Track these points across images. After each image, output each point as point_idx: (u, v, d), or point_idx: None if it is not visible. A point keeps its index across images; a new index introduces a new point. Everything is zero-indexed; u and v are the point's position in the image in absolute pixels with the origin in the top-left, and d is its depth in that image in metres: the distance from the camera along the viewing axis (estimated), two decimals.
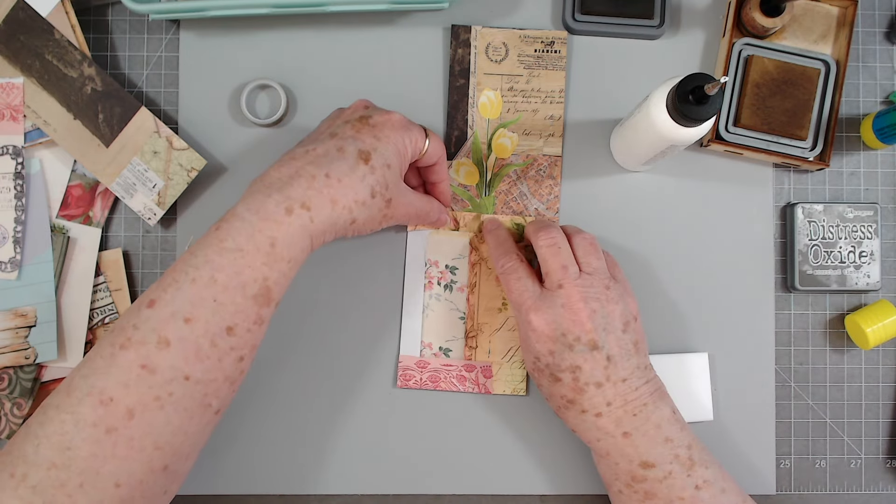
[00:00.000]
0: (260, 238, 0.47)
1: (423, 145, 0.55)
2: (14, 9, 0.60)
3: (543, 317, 0.54)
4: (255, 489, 0.63)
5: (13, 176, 0.61)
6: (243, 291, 0.47)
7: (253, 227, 0.47)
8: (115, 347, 0.46)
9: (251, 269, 0.47)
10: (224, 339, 0.47)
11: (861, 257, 0.64)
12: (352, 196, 0.50)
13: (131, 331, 0.46)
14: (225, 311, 0.47)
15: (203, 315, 0.46)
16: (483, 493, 0.63)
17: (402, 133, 0.53)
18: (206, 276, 0.47)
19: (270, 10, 0.60)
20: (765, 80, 0.62)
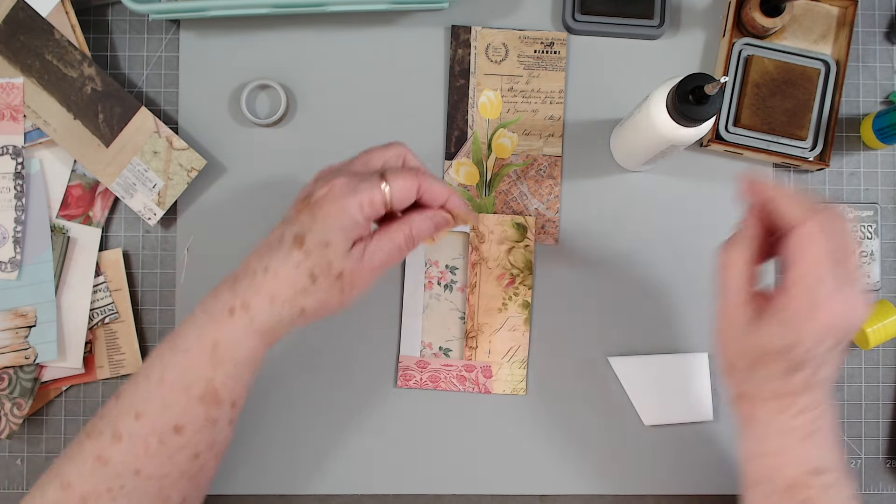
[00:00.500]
0: (205, 339, 0.48)
1: (383, 196, 0.48)
2: (14, 9, 0.60)
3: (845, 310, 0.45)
4: (255, 489, 0.63)
5: (13, 176, 0.61)
6: (188, 392, 0.48)
7: (201, 327, 0.48)
8: (83, 435, 0.49)
9: (195, 370, 0.48)
10: (172, 437, 0.48)
11: (861, 257, 0.64)
12: (289, 289, 0.47)
13: (98, 421, 0.49)
14: (172, 411, 0.48)
15: (152, 412, 0.48)
16: (483, 493, 0.63)
17: (345, 200, 0.47)
18: (156, 375, 0.48)
19: (270, 10, 0.60)
20: (765, 80, 0.62)
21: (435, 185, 0.50)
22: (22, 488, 0.63)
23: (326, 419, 0.63)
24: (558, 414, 0.64)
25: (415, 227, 0.50)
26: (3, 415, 0.60)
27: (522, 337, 0.63)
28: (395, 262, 0.50)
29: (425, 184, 0.49)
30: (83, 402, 0.63)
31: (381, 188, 0.48)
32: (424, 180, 0.49)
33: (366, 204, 0.47)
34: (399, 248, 0.50)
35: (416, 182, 0.49)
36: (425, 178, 0.49)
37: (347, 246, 0.48)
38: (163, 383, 0.48)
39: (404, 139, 0.64)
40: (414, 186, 0.49)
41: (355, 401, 0.63)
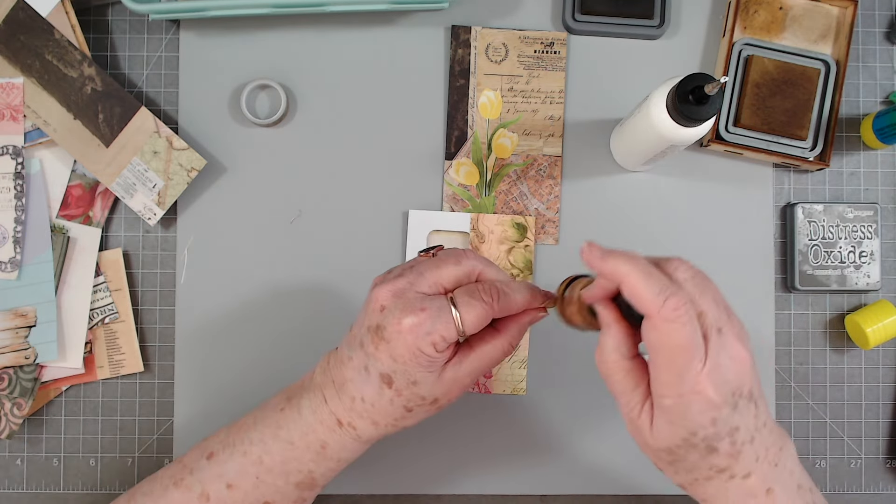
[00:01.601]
0: (312, 438, 0.50)
1: (456, 328, 0.46)
2: (14, 9, 0.60)
3: (715, 382, 0.41)
4: None
5: (13, 176, 0.61)
6: (286, 478, 0.50)
7: (308, 426, 0.50)
8: (170, 481, 0.51)
9: (298, 462, 0.50)
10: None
11: (861, 257, 0.64)
12: (390, 417, 0.49)
13: (187, 474, 0.51)
14: (265, 489, 0.50)
15: (244, 486, 0.50)
16: (483, 493, 0.63)
17: (418, 342, 0.46)
18: (255, 454, 0.50)
19: (270, 10, 0.60)
20: (765, 80, 0.62)
21: (511, 301, 0.48)
22: (22, 488, 0.63)
23: None
24: (558, 414, 0.64)
25: (514, 339, 0.50)
26: (3, 415, 0.60)
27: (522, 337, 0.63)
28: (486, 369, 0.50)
29: (500, 306, 0.47)
30: (83, 402, 0.63)
31: (453, 321, 0.46)
32: (497, 303, 0.47)
33: (439, 342, 0.46)
34: (495, 362, 0.49)
35: (489, 311, 0.47)
36: (498, 300, 0.47)
37: (434, 377, 0.47)
38: (261, 465, 0.50)
39: (404, 139, 0.64)
40: (488, 315, 0.47)
41: None
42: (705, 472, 0.44)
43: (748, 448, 0.44)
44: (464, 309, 0.46)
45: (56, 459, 0.63)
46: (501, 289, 0.48)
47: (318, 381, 0.50)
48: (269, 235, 0.64)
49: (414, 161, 0.64)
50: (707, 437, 0.42)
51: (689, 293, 0.42)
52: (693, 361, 0.41)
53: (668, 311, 0.40)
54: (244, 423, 0.52)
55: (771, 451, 0.45)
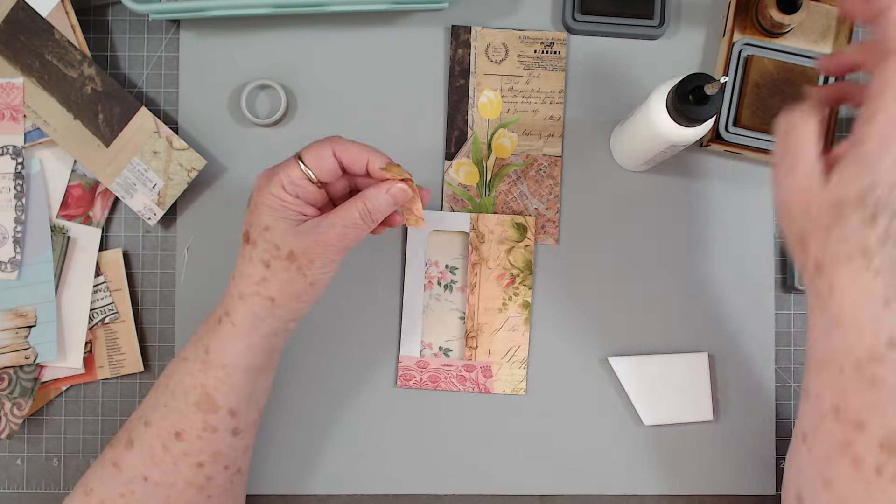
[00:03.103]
0: (199, 347, 0.52)
1: (300, 171, 0.49)
2: (14, 9, 0.60)
3: None
4: (255, 489, 0.63)
5: (13, 176, 0.61)
6: (186, 398, 0.51)
7: (197, 336, 0.52)
8: (108, 446, 0.53)
9: (190, 377, 0.51)
10: (174, 443, 0.51)
11: None
12: (251, 283, 0.50)
13: (120, 430, 0.53)
14: (173, 417, 0.51)
15: (157, 419, 0.52)
16: (483, 493, 0.63)
17: (268, 185, 0.49)
18: (162, 383, 0.53)
19: (270, 10, 0.60)
20: (765, 80, 0.62)
21: (350, 146, 0.50)
22: (22, 488, 0.63)
23: (326, 419, 0.63)
24: (558, 414, 0.64)
25: (369, 201, 0.50)
26: (3, 415, 0.60)
27: (522, 337, 0.63)
28: (355, 239, 0.50)
29: (339, 147, 0.50)
30: (83, 402, 0.63)
31: (296, 163, 0.49)
32: (337, 144, 0.50)
33: (286, 182, 0.49)
34: (355, 224, 0.50)
35: (328, 147, 0.49)
36: (339, 141, 0.50)
37: (287, 225, 0.49)
38: (167, 390, 0.52)
39: (404, 139, 0.64)
40: (327, 151, 0.49)
41: (355, 401, 0.63)
42: (849, 249, 0.44)
43: (891, 244, 0.44)
44: (304, 152, 0.50)
45: (56, 459, 0.63)
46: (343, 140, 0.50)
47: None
48: None
49: (414, 161, 0.64)
50: (879, 201, 0.43)
51: None
52: None
53: None
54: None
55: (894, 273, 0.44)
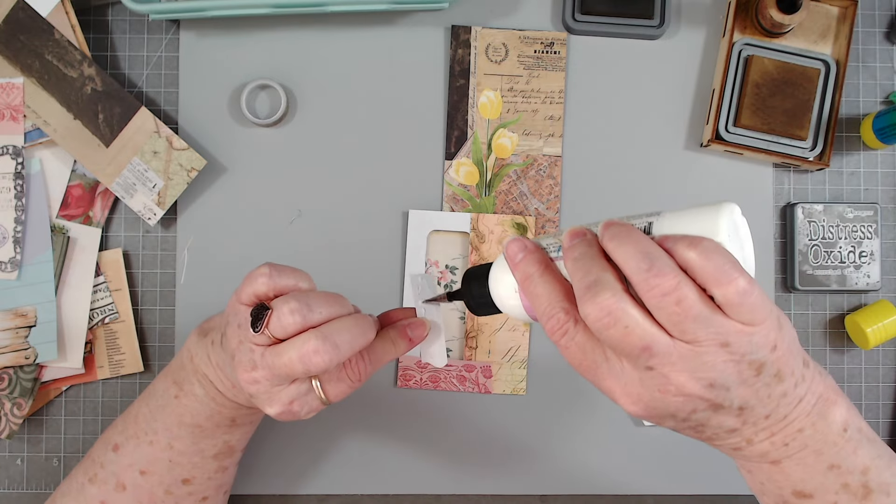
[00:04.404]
0: (220, 418, 0.50)
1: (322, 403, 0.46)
2: (14, 9, 0.60)
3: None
4: (255, 489, 0.63)
5: (13, 176, 0.61)
6: (202, 455, 0.51)
7: (211, 410, 0.50)
8: (85, 479, 0.52)
9: (211, 439, 0.51)
10: (180, 487, 0.52)
11: (861, 257, 0.64)
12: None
13: (98, 468, 0.52)
14: (182, 469, 0.51)
15: (158, 471, 0.51)
16: (483, 493, 0.63)
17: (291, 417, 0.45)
18: (163, 442, 0.51)
19: (270, 10, 0.60)
20: (765, 80, 0.62)
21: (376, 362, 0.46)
22: (22, 488, 0.63)
23: (326, 419, 0.63)
24: (558, 414, 0.64)
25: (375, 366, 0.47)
26: (3, 415, 0.60)
27: (522, 337, 0.63)
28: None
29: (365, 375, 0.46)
30: (83, 402, 0.63)
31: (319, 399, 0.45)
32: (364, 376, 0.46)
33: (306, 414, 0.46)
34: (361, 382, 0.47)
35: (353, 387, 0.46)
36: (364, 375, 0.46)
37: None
38: (171, 449, 0.51)
39: (404, 139, 0.64)
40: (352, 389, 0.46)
41: (355, 401, 0.63)
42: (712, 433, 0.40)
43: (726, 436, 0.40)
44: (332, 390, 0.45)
45: (56, 459, 0.63)
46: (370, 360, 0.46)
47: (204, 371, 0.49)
48: (268, 235, 0.64)
49: (414, 161, 0.64)
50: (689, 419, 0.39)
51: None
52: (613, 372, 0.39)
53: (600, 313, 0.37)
54: (139, 413, 0.52)
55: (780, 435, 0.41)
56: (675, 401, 0.38)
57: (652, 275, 0.35)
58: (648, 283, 0.36)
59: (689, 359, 0.37)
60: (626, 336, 0.36)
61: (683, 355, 0.36)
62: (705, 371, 0.37)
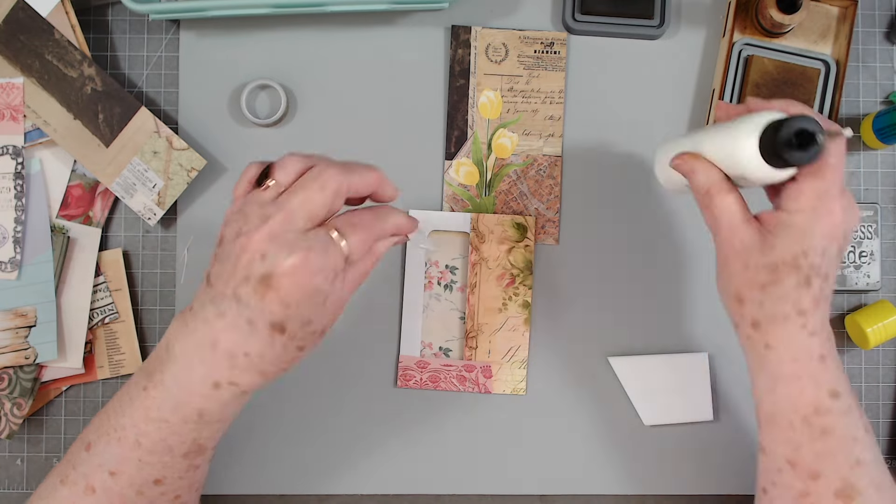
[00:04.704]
0: (187, 411, 0.46)
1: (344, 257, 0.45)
2: (14, 9, 0.60)
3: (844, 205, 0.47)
4: (255, 489, 0.63)
5: (13, 176, 0.61)
6: (171, 452, 0.48)
7: (178, 401, 0.46)
8: (57, 479, 0.50)
9: (178, 436, 0.47)
10: (152, 488, 0.49)
11: (861, 257, 0.64)
12: (279, 364, 0.46)
13: (70, 469, 0.49)
14: (151, 469, 0.48)
15: (128, 470, 0.48)
16: (483, 493, 0.63)
17: (313, 281, 0.43)
18: (131, 439, 0.47)
19: (270, 10, 0.60)
20: (765, 80, 0.62)
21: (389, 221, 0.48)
22: (22, 488, 0.63)
23: (326, 419, 0.63)
24: (558, 414, 0.64)
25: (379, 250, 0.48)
26: (3, 415, 0.60)
27: (522, 337, 0.63)
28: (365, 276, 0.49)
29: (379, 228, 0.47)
30: (83, 402, 0.63)
31: (341, 251, 0.45)
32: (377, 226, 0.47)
33: (331, 275, 0.44)
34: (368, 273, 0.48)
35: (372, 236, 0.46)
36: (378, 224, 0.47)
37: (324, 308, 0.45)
38: (139, 447, 0.47)
39: (404, 139, 0.64)
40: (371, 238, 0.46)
41: (355, 401, 0.63)
42: (785, 309, 0.47)
43: (825, 306, 0.48)
44: (351, 238, 0.45)
45: (56, 459, 0.63)
46: (378, 213, 0.47)
47: (178, 351, 0.46)
48: None
49: (414, 161, 0.64)
50: (813, 266, 0.46)
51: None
52: (838, 184, 0.47)
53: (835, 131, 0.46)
54: (112, 407, 0.49)
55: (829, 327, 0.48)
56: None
57: None
58: None
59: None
60: None
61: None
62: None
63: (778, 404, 0.48)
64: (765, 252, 0.47)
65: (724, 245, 0.49)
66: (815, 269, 0.46)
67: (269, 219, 0.43)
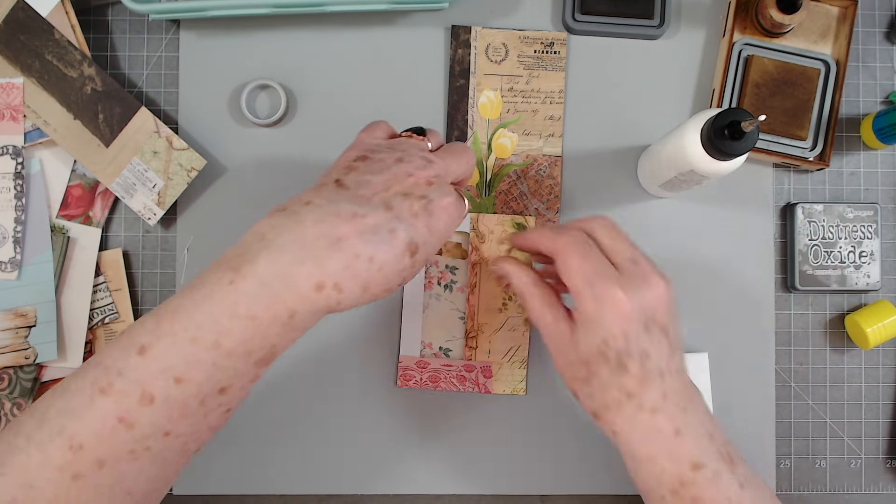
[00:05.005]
0: (280, 308, 0.42)
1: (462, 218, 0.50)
2: (14, 9, 0.60)
3: (628, 292, 0.47)
4: (255, 489, 0.63)
5: (13, 176, 0.61)
6: (248, 357, 0.43)
7: (274, 296, 0.42)
8: (94, 389, 0.42)
9: (262, 339, 0.43)
10: (215, 398, 0.43)
11: (861, 257, 0.64)
12: (384, 285, 0.45)
13: (115, 376, 0.42)
14: (222, 374, 0.43)
15: (197, 377, 0.42)
16: (483, 493, 0.63)
17: (455, 221, 0.48)
18: (209, 339, 0.42)
19: (270, 10, 0.60)
20: (765, 80, 0.63)
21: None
22: None
23: (326, 419, 0.63)
24: (558, 414, 0.64)
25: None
26: (3, 415, 0.60)
27: (522, 337, 0.63)
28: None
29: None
30: None
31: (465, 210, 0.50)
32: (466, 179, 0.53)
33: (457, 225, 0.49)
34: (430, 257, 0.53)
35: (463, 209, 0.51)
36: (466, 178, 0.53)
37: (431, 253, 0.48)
38: (218, 349, 0.42)
39: None
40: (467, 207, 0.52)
41: (355, 401, 0.63)
42: (615, 394, 0.48)
43: (657, 380, 0.48)
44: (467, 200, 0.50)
45: None
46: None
47: (284, 242, 0.42)
48: None
49: None
50: (619, 352, 0.47)
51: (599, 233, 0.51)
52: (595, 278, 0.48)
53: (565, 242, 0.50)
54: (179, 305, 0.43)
55: (681, 397, 0.48)
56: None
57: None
58: None
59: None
60: None
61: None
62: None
63: (646, 482, 0.49)
64: (575, 348, 0.49)
65: (548, 344, 0.51)
66: (622, 353, 0.47)
67: (433, 164, 0.48)
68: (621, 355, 0.47)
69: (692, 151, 0.51)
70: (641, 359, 0.47)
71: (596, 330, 0.48)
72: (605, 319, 0.47)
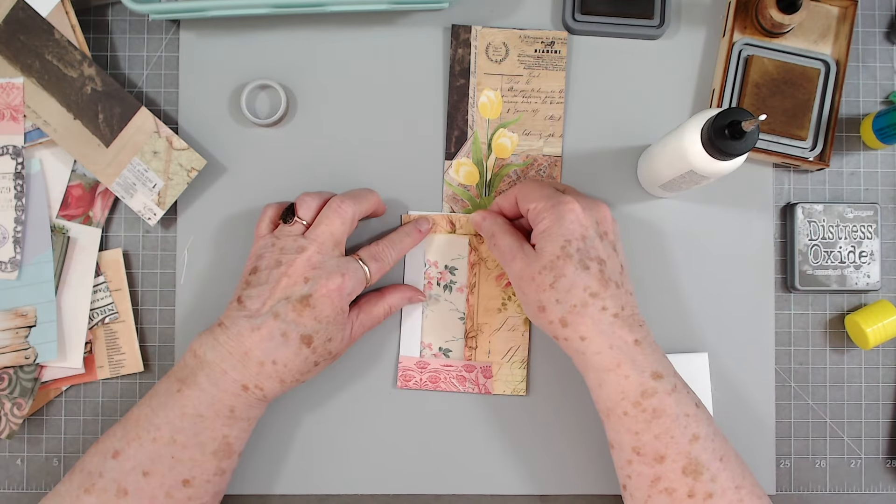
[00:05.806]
0: (220, 406, 0.53)
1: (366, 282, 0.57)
2: (14, 9, 0.60)
3: (581, 203, 0.54)
4: (255, 489, 0.63)
5: (13, 176, 0.61)
6: (202, 449, 0.53)
7: (213, 397, 0.53)
8: (80, 490, 0.52)
9: (211, 430, 0.53)
10: (180, 490, 0.53)
11: (861, 257, 0.64)
12: (297, 374, 0.55)
13: (97, 477, 0.53)
14: (183, 467, 0.53)
15: (160, 470, 0.52)
16: (483, 493, 0.63)
17: (342, 302, 0.55)
18: (166, 437, 0.53)
19: (270, 10, 0.60)
20: (765, 80, 0.62)
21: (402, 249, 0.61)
22: (22, 488, 0.63)
23: (327, 419, 0.63)
24: (558, 414, 0.64)
25: (393, 303, 0.60)
26: (3, 415, 0.60)
27: (522, 337, 0.63)
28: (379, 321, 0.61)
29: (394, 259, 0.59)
30: (83, 402, 0.63)
31: (365, 275, 0.57)
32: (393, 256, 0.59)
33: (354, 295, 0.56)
34: (379, 321, 0.60)
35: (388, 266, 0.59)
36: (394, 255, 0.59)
37: (342, 332, 0.56)
38: (174, 444, 0.53)
39: (404, 139, 0.64)
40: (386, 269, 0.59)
41: (356, 401, 0.63)
42: (580, 293, 0.52)
43: (614, 288, 0.53)
44: (371, 267, 0.57)
45: (56, 459, 0.63)
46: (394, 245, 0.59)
47: (211, 358, 0.53)
48: None
49: (414, 161, 0.64)
50: (580, 251, 0.53)
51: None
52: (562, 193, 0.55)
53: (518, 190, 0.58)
54: (139, 415, 0.54)
55: (636, 318, 0.54)
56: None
57: None
58: None
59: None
60: None
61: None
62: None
63: (611, 397, 0.52)
64: (540, 259, 0.53)
65: (513, 270, 0.55)
66: (582, 252, 0.53)
67: (305, 249, 0.55)
68: (582, 255, 0.53)
69: (692, 151, 0.51)
70: (599, 264, 0.53)
71: (557, 236, 0.53)
72: (565, 224, 0.53)
